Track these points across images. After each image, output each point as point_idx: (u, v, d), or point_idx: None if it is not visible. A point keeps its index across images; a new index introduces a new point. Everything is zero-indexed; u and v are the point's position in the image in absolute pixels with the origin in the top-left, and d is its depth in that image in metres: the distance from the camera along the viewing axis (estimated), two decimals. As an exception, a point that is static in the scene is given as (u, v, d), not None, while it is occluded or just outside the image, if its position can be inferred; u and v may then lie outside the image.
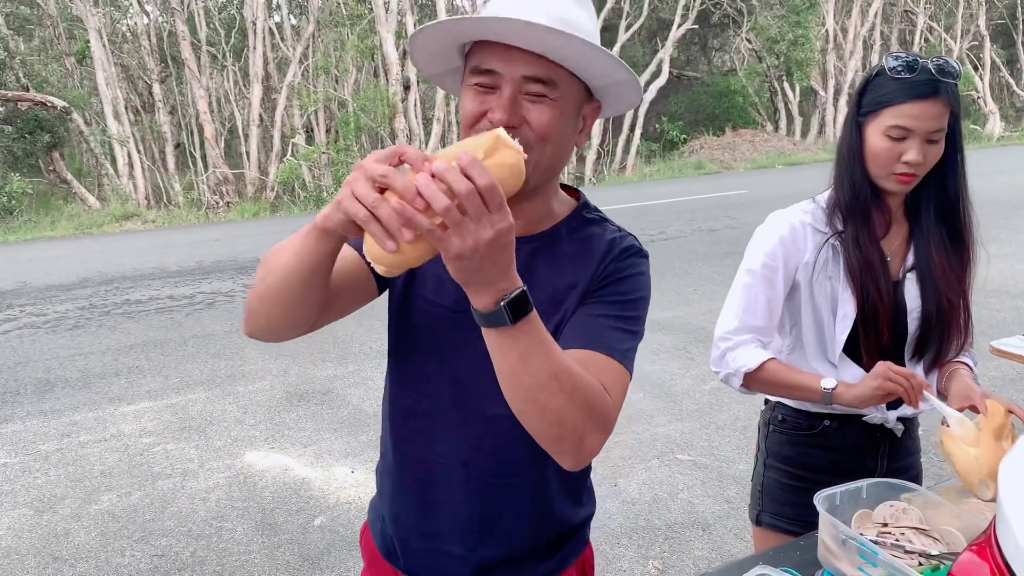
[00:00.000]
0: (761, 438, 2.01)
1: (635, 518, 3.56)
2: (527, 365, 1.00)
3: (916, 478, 1.92)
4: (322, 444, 4.48)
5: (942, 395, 1.76)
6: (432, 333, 1.27)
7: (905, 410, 1.82)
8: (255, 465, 4.26)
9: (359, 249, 1.17)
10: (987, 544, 0.85)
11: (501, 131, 0.94)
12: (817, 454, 1.87)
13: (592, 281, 1.22)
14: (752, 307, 1.80)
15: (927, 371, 1.80)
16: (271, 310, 1.13)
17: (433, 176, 0.86)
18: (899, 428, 1.84)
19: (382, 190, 0.88)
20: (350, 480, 4.03)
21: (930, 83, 1.58)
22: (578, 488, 1.40)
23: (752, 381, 1.78)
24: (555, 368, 1.01)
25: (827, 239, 1.75)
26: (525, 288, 0.96)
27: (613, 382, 1.13)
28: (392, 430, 1.37)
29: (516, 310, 0.95)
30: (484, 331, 1.00)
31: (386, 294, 1.32)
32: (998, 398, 1.59)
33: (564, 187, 1.34)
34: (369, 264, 1.01)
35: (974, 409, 1.62)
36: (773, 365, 1.75)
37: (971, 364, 1.83)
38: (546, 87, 1.10)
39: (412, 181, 0.86)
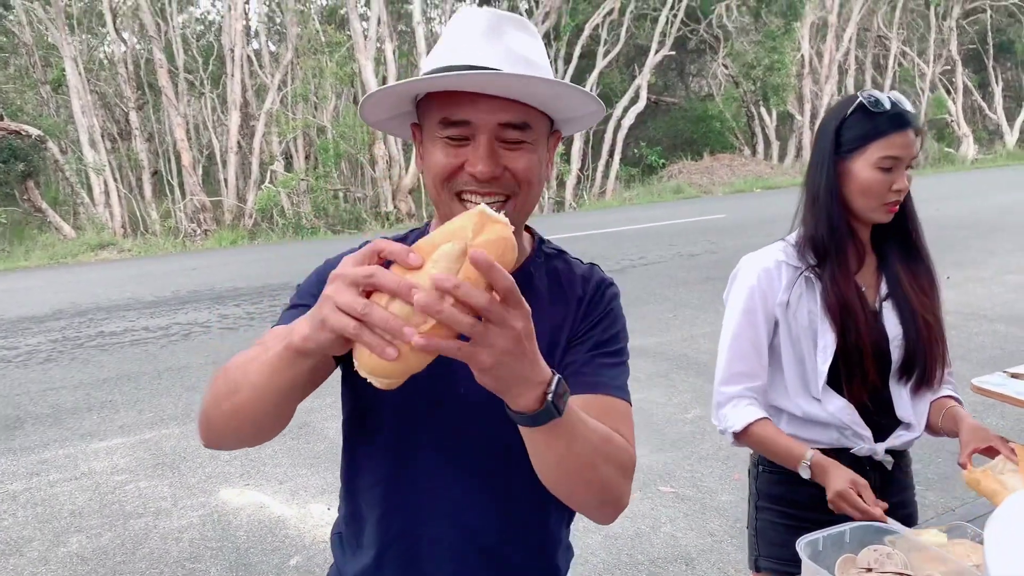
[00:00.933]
0: (752, 480, 2.00)
1: (618, 553, 3.51)
2: (573, 450, 0.97)
3: (911, 516, 1.90)
4: (298, 480, 4.40)
5: (941, 432, 1.81)
6: (405, 393, 1.13)
7: (893, 441, 1.81)
8: (230, 503, 4.17)
9: None
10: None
11: (484, 207, 0.84)
12: (807, 491, 1.85)
13: (576, 322, 1.20)
14: (739, 354, 1.83)
15: (913, 394, 1.81)
16: (241, 428, 1.03)
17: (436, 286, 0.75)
18: (888, 461, 1.83)
19: (368, 294, 0.78)
20: (327, 518, 3.95)
21: (906, 114, 1.68)
22: (564, 536, 1.36)
23: (741, 440, 1.83)
24: (596, 441, 1.00)
25: (800, 273, 1.79)
26: (559, 374, 0.90)
27: (627, 424, 1.14)
28: (364, 503, 1.25)
29: (560, 399, 0.90)
30: (525, 430, 0.94)
31: None
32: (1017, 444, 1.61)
33: None
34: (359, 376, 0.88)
35: (988, 452, 1.66)
36: (759, 428, 1.78)
37: (958, 397, 1.87)
38: (523, 131, 1.08)
39: (406, 281, 0.76)
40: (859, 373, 1.75)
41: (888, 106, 1.67)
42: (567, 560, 1.36)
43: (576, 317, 1.20)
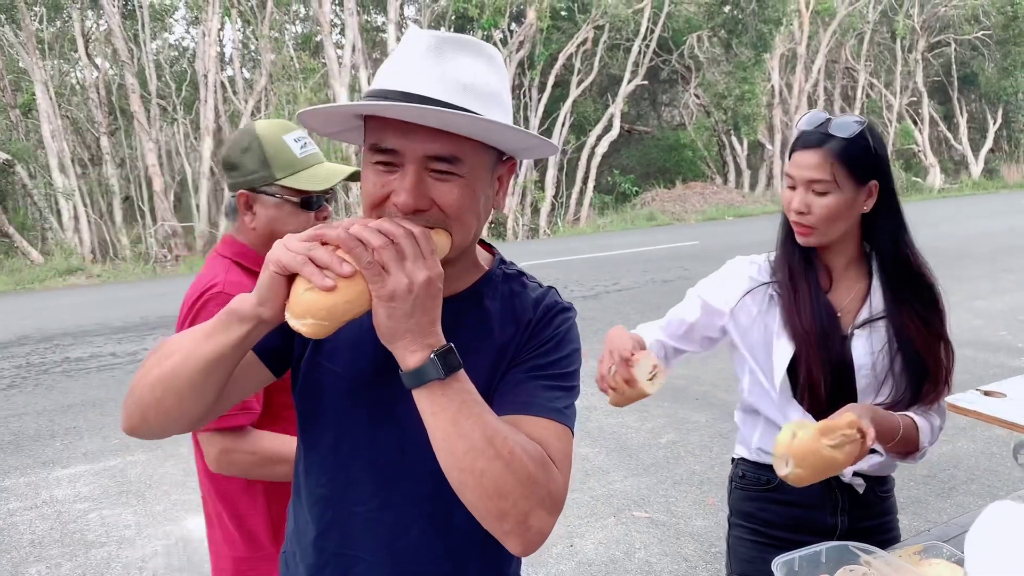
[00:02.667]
0: (727, 495, 2.00)
1: (591, 579, 3.47)
2: (460, 428, 0.95)
3: (893, 540, 1.86)
4: (267, 507, 4.31)
5: None
6: (346, 410, 1.16)
7: (861, 465, 1.76)
8: (196, 531, 4.07)
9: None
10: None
11: None
12: (776, 509, 1.85)
13: (519, 343, 1.15)
14: (675, 319, 1.92)
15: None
16: (163, 398, 1.04)
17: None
18: (858, 483, 1.80)
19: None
20: (295, 545, 3.87)
21: (815, 135, 1.66)
22: (514, 568, 1.30)
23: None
24: (490, 432, 0.96)
25: (758, 286, 1.81)
26: (452, 345, 0.95)
27: (557, 445, 1.06)
28: (306, 523, 1.23)
29: (446, 362, 0.94)
30: (415, 394, 0.96)
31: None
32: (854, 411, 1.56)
33: (480, 242, 1.27)
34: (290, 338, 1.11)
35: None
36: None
37: (913, 416, 1.75)
38: (452, 164, 1.02)
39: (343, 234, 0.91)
40: (809, 393, 1.74)
41: (805, 127, 1.70)
42: None
43: (521, 340, 1.16)
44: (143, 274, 15.87)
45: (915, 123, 27.86)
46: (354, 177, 1.82)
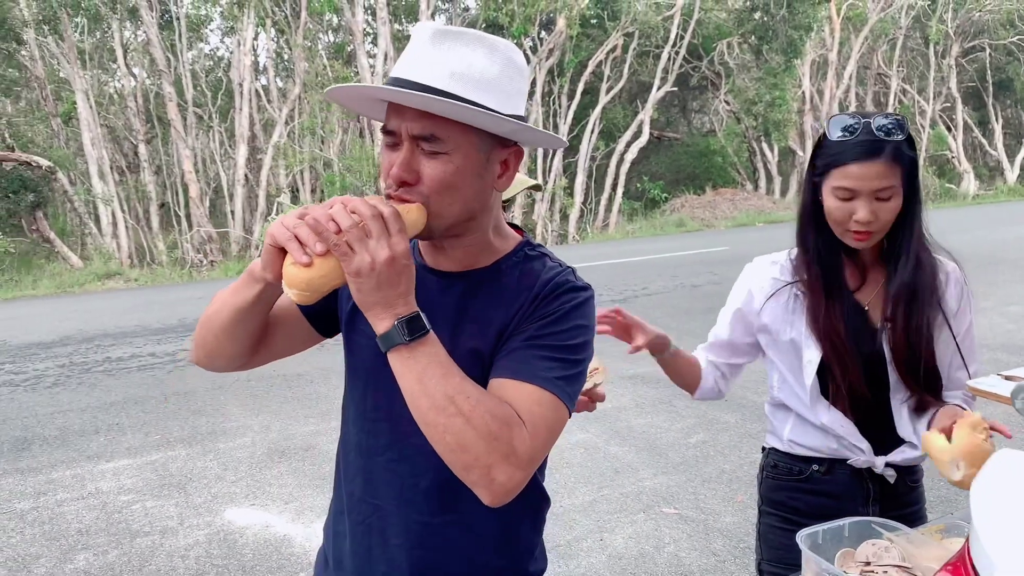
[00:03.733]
0: (758, 485, 2.02)
1: (621, 572, 3.52)
2: (424, 387, 1.06)
3: None
4: (304, 500, 4.42)
5: (932, 428, 1.77)
6: (372, 367, 1.28)
7: (895, 457, 1.81)
8: (236, 522, 4.19)
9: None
10: (961, 564, 0.86)
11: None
12: (808, 499, 1.87)
13: (524, 313, 1.21)
14: (717, 337, 2.00)
15: (913, 412, 1.79)
16: (206, 336, 1.27)
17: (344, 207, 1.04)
18: (890, 474, 1.82)
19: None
20: (332, 536, 3.97)
21: (871, 143, 1.61)
22: (528, 539, 1.37)
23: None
24: (451, 390, 1.06)
25: (782, 287, 1.83)
26: (420, 312, 1.07)
27: (535, 409, 1.11)
28: (338, 470, 1.39)
29: (411, 328, 1.05)
30: (388, 357, 1.09)
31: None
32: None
33: (511, 225, 1.37)
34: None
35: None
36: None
37: (964, 406, 1.83)
38: (434, 143, 1.13)
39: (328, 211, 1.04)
40: (845, 390, 1.76)
41: (849, 136, 1.64)
42: (524, 566, 1.37)
43: (527, 310, 1.22)
44: (179, 278, 16.18)
45: (949, 129, 27.56)
46: (536, 188, 1.91)
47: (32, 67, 19.06)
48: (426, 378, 1.06)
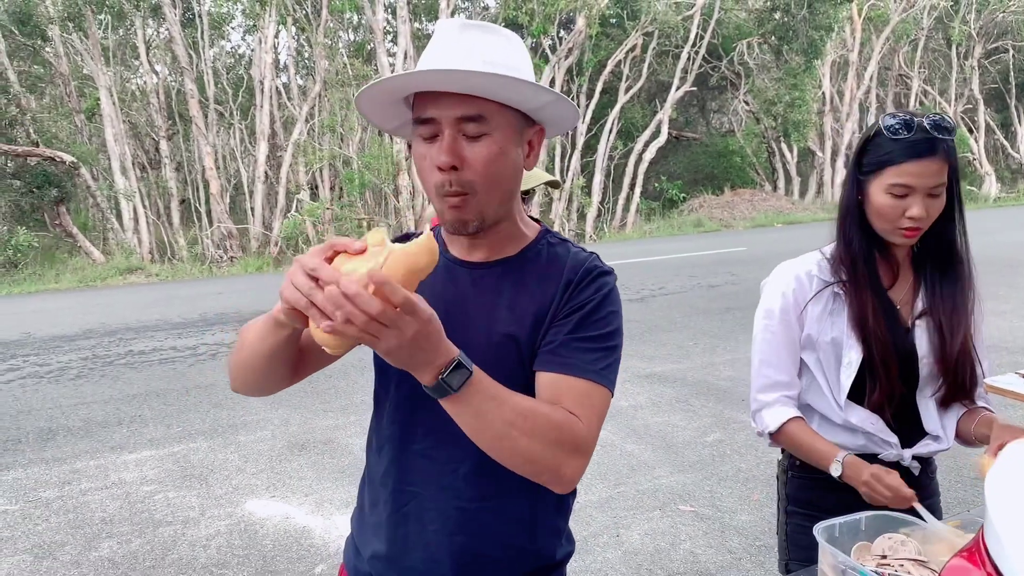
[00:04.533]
0: (781, 486, 2.03)
1: (637, 568, 3.55)
2: (482, 422, 1.10)
3: None
4: (323, 493, 4.48)
5: (975, 439, 1.82)
6: (405, 381, 1.31)
7: (920, 449, 1.84)
8: (256, 513, 4.25)
9: None
10: (976, 550, 0.89)
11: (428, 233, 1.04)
12: (836, 496, 1.86)
13: (560, 302, 1.26)
14: (774, 361, 1.88)
15: (940, 407, 1.83)
16: (245, 376, 1.28)
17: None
18: (915, 466, 1.85)
19: (317, 280, 0.99)
20: (351, 528, 4.02)
21: (927, 141, 1.64)
22: (557, 523, 1.40)
23: (777, 440, 1.88)
24: (508, 417, 1.10)
25: (827, 286, 1.83)
26: (460, 356, 1.06)
27: (585, 404, 1.20)
28: (370, 463, 1.41)
29: (455, 379, 1.06)
30: (440, 402, 1.10)
31: None
32: None
33: (530, 217, 1.41)
34: None
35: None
36: (793, 427, 1.83)
37: (991, 409, 1.86)
38: (479, 123, 1.17)
39: (339, 280, 0.96)
40: (884, 387, 1.77)
41: (907, 133, 1.65)
42: (555, 549, 1.40)
43: (562, 298, 1.26)
44: (199, 274, 16.31)
45: (971, 131, 27.32)
46: (554, 184, 1.92)
47: (57, 64, 19.29)
48: (482, 414, 1.10)
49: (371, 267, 0.98)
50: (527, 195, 1.94)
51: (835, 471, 1.73)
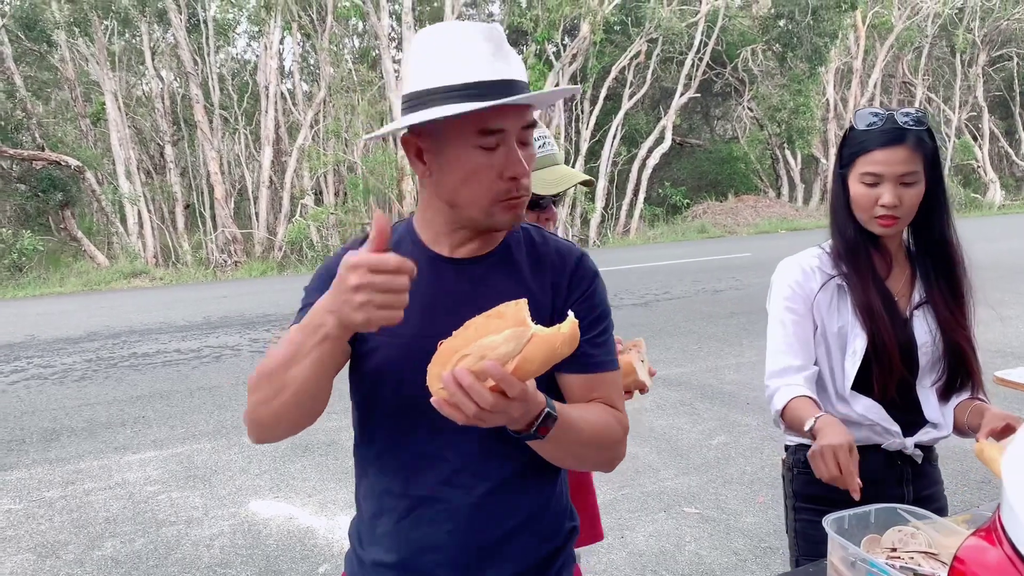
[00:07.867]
0: (787, 484, 2.02)
1: (642, 569, 3.53)
2: (566, 452, 1.21)
3: (941, 510, 1.91)
4: (327, 493, 4.47)
5: (968, 428, 1.83)
6: (397, 364, 1.27)
7: (921, 437, 1.85)
8: (260, 514, 4.24)
9: None
10: (992, 529, 0.87)
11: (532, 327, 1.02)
12: (844, 491, 1.87)
13: (563, 298, 1.30)
14: (784, 348, 1.86)
15: (940, 396, 1.85)
16: (298, 421, 1.22)
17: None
18: (918, 455, 1.88)
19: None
20: (355, 529, 4.00)
21: (895, 130, 1.70)
22: (563, 501, 1.41)
23: (784, 421, 1.82)
24: (585, 439, 1.20)
25: (830, 279, 1.85)
26: (547, 403, 1.11)
27: (614, 390, 1.33)
28: (368, 475, 1.36)
29: (546, 425, 1.11)
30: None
31: None
32: None
33: None
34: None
35: (1006, 431, 1.65)
36: (793, 404, 1.76)
37: (984, 399, 1.89)
38: (532, 129, 1.23)
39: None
40: (888, 375, 1.79)
41: (877, 123, 1.71)
42: (564, 524, 1.40)
43: (563, 292, 1.30)
44: (203, 278, 16.33)
45: (975, 138, 27.30)
46: (587, 184, 1.92)
47: (63, 69, 19.36)
48: (564, 445, 1.18)
49: (509, 351, 0.99)
50: (557, 197, 1.92)
51: (807, 425, 1.67)
